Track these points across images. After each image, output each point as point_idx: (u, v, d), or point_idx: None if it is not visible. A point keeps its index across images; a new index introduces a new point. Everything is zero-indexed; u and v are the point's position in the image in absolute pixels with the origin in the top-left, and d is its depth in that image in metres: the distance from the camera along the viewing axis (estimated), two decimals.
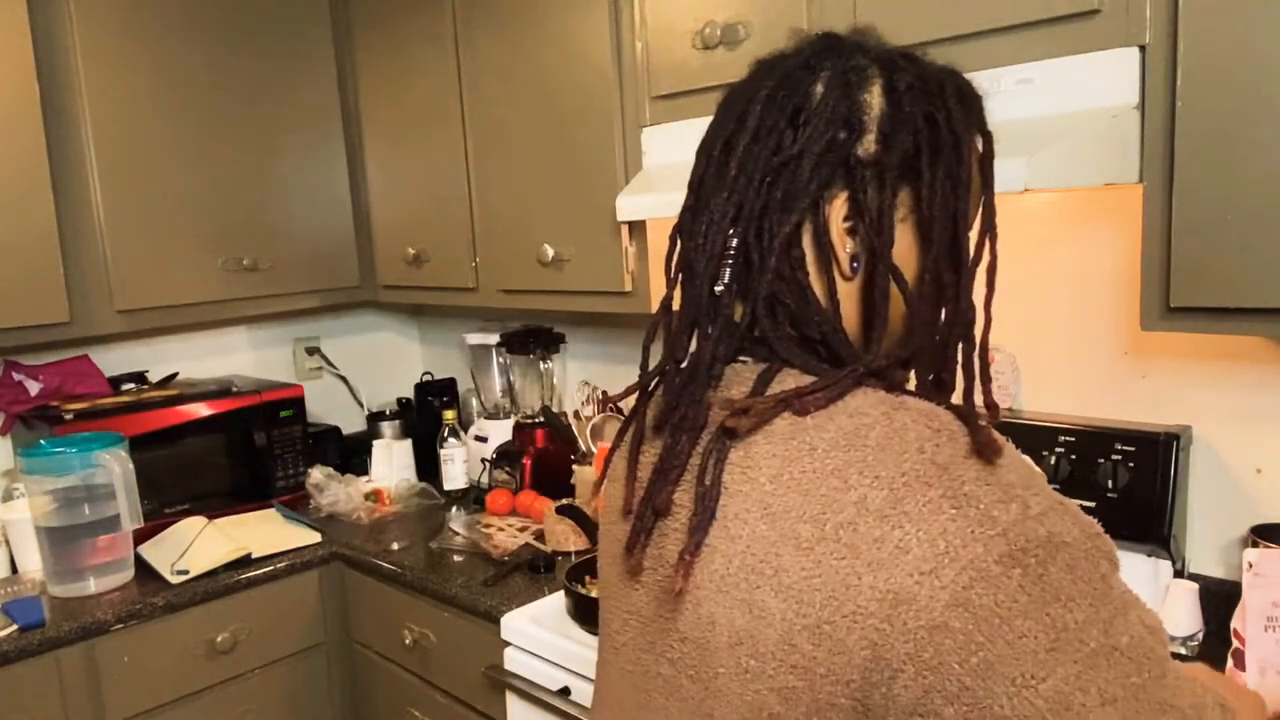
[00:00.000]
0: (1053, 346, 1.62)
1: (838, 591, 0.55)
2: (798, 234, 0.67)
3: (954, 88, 0.72)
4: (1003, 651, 0.53)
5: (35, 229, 1.90)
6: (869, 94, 0.70)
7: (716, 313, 0.67)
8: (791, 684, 0.57)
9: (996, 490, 0.56)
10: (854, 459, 0.58)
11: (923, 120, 0.69)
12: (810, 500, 0.58)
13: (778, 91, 0.70)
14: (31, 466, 1.84)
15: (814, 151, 0.67)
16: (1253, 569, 1.10)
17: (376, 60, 2.35)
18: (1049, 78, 1.19)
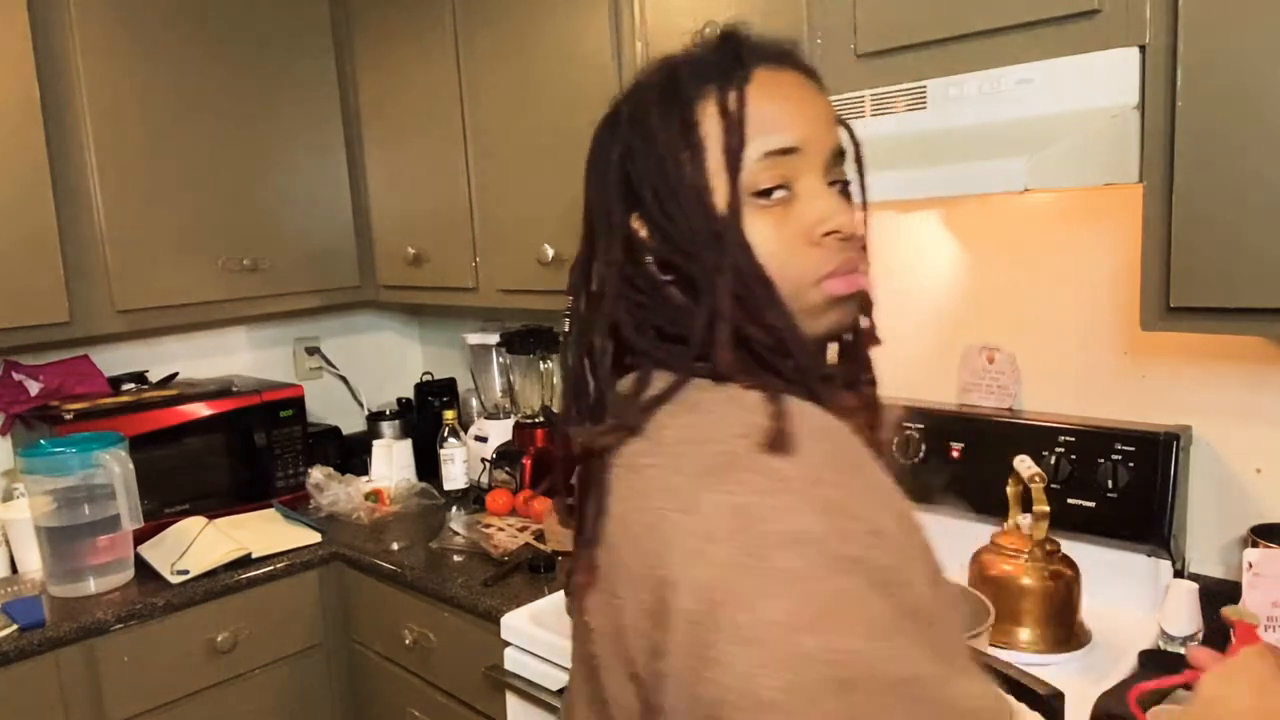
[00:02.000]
0: (1053, 346, 1.62)
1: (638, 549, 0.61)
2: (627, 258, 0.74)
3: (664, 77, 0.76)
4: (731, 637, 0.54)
5: (35, 229, 1.90)
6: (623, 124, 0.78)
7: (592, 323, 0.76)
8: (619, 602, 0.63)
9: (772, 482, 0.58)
10: (669, 461, 0.63)
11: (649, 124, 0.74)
12: (643, 496, 0.63)
13: (595, 149, 0.83)
14: (31, 466, 1.84)
15: (614, 183, 0.78)
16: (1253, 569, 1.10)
17: (377, 60, 2.35)
18: (1049, 78, 1.19)
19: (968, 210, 1.69)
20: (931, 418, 1.69)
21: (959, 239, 1.72)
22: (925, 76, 1.30)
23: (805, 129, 0.71)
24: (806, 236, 0.70)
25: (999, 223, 1.66)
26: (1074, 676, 1.30)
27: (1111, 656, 1.36)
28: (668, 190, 0.71)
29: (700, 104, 0.71)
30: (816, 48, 1.43)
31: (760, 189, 0.69)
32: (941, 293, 1.75)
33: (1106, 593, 1.49)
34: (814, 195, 0.70)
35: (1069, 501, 1.49)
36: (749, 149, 0.69)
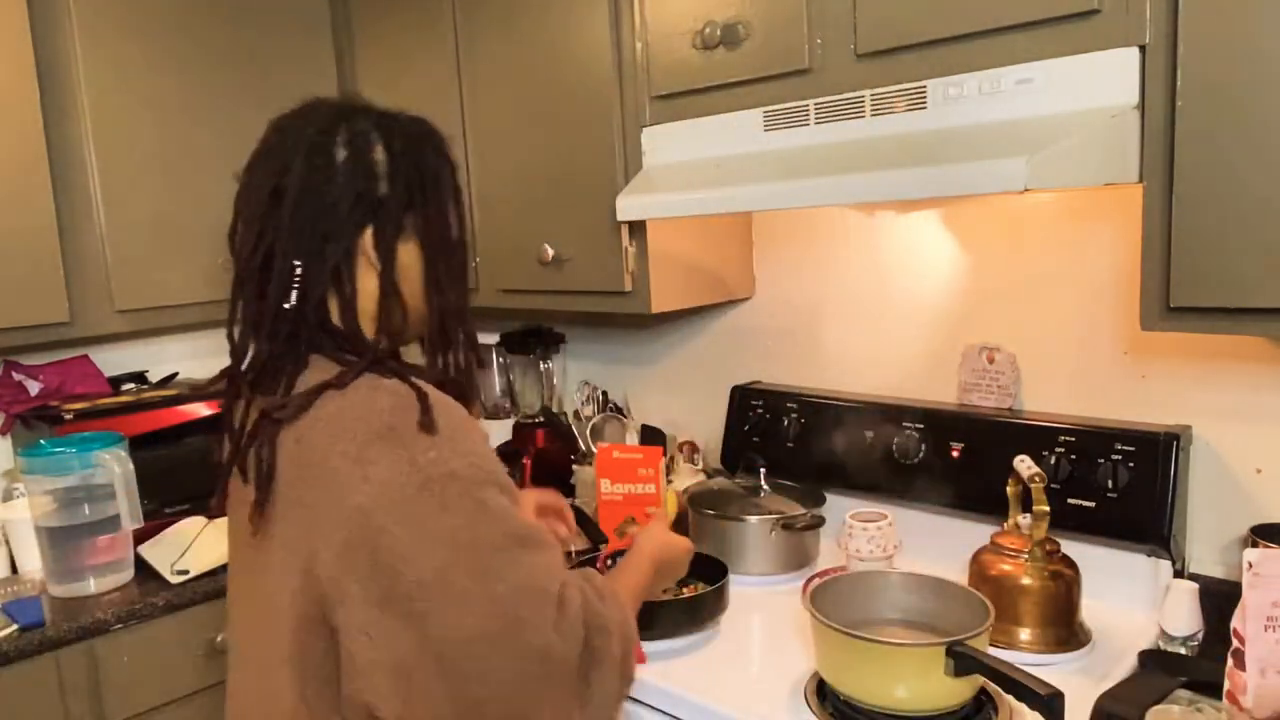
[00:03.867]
0: (1053, 346, 1.62)
1: (332, 506, 0.87)
2: (346, 259, 0.96)
3: (430, 139, 1.04)
4: (409, 541, 0.84)
5: (35, 229, 1.90)
6: (376, 153, 0.98)
7: (279, 325, 0.95)
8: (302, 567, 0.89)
9: (424, 444, 0.87)
10: (341, 428, 0.88)
11: (413, 167, 0.99)
12: (318, 453, 0.89)
13: (312, 155, 0.96)
14: (31, 466, 1.84)
15: (348, 199, 0.96)
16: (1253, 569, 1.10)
17: (376, 60, 2.35)
18: (1049, 78, 1.19)
19: (968, 210, 1.69)
20: (931, 418, 1.69)
21: (959, 239, 1.72)
22: (925, 76, 1.30)
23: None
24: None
25: (999, 223, 1.66)
26: (1074, 676, 1.30)
27: (1111, 656, 1.36)
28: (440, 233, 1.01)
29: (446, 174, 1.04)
30: (816, 48, 1.43)
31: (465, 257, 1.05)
32: (941, 293, 1.75)
33: (1106, 593, 1.49)
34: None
35: (1069, 501, 1.49)
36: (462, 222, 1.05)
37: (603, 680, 0.91)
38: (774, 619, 1.57)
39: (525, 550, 0.88)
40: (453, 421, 0.90)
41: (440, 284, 1.00)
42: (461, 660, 0.84)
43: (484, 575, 0.85)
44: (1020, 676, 1.07)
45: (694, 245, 1.92)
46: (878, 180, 1.24)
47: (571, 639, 0.88)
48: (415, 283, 1.00)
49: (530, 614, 0.86)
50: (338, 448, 0.88)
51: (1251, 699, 1.10)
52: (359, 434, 0.87)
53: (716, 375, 2.15)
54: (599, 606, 0.93)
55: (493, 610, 0.84)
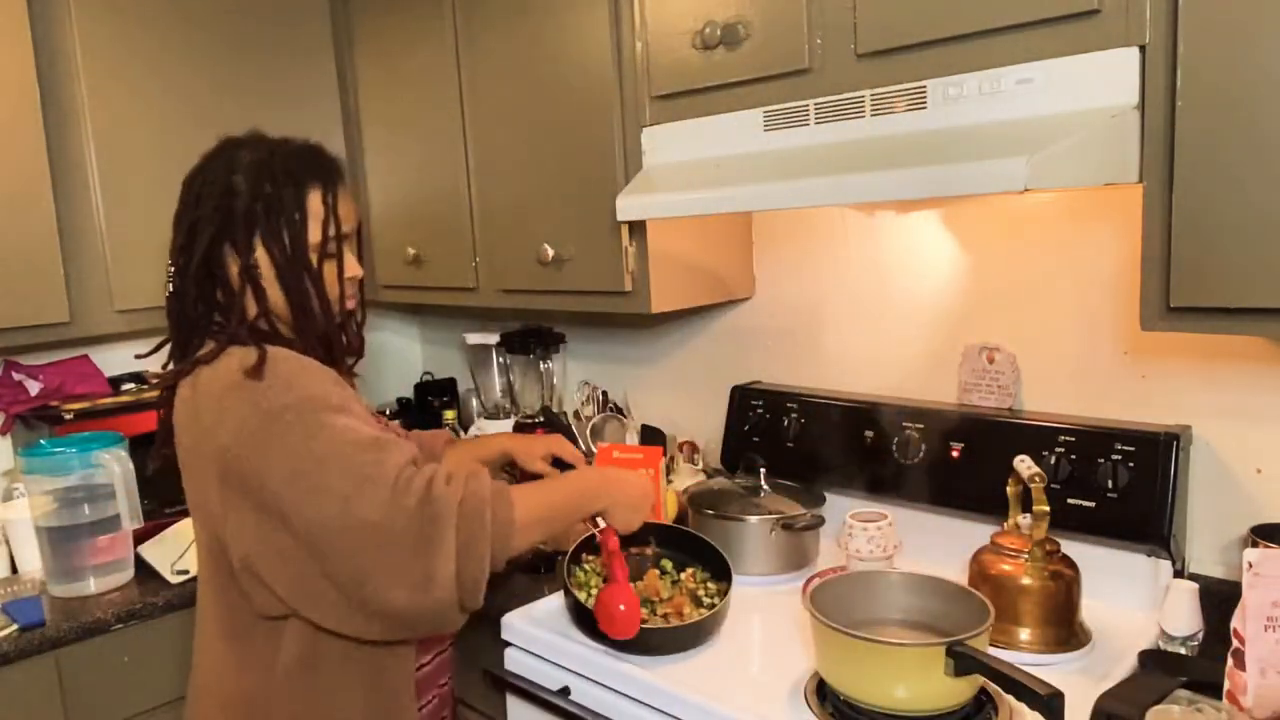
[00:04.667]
0: (1053, 346, 1.62)
1: (208, 449, 1.16)
2: (217, 261, 1.23)
3: (293, 160, 1.26)
4: (263, 461, 1.11)
5: (35, 229, 1.90)
6: (236, 175, 1.23)
7: (183, 316, 1.27)
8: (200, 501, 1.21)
9: (262, 388, 1.14)
10: (208, 390, 1.18)
11: (263, 186, 1.22)
12: (196, 412, 1.19)
13: (193, 179, 1.27)
14: (31, 466, 1.84)
15: (208, 214, 1.22)
16: (1253, 569, 1.10)
17: (376, 60, 2.35)
18: (1049, 78, 1.19)
19: (968, 210, 1.69)
20: (931, 418, 1.69)
21: (959, 239, 1.72)
22: (925, 76, 1.30)
23: (352, 223, 1.31)
24: (343, 276, 1.29)
25: (999, 223, 1.66)
26: (1074, 676, 1.30)
27: (1111, 656, 1.36)
28: (279, 232, 1.22)
29: (308, 190, 1.25)
30: (817, 48, 1.43)
31: (330, 251, 1.27)
32: (941, 293, 1.75)
33: (1106, 593, 1.49)
34: (348, 258, 1.30)
35: (1069, 501, 1.49)
36: (330, 229, 1.26)
37: (440, 554, 1.08)
38: (774, 619, 1.57)
39: (358, 450, 1.11)
40: (290, 369, 1.16)
41: (287, 281, 1.23)
42: (320, 541, 1.08)
43: (321, 473, 1.09)
44: (1020, 676, 1.07)
45: (694, 245, 1.92)
46: (878, 180, 1.24)
47: (400, 514, 1.07)
48: (272, 279, 1.23)
49: (360, 497, 1.07)
50: (206, 404, 1.17)
51: (1251, 699, 1.10)
52: (216, 390, 1.16)
53: (716, 375, 2.15)
54: (441, 491, 1.10)
55: (330, 498, 1.08)
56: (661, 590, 1.55)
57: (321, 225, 1.25)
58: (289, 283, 1.24)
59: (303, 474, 1.09)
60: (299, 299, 1.24)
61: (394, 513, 1.08)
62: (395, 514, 1.08)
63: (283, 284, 1.24)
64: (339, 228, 1.26)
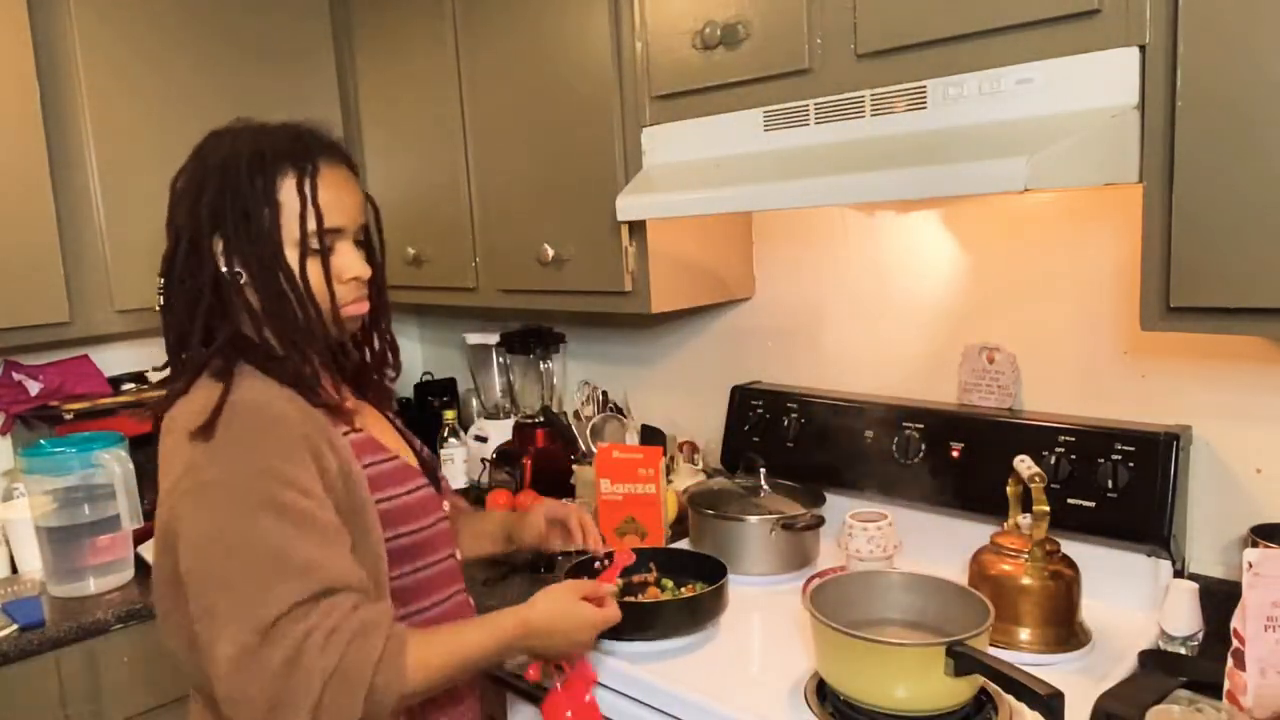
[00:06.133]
0: (1053, 346, 1.62)
1: (164, 489, 1.08)
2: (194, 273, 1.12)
3: (263, 145, 1.09)
4: (182, 533, 1.01)
5: (35, 229, 1.90)
6: (208, 171, 1.09)
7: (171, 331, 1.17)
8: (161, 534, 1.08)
9: (205, 450, 1.01)
10: (170, 425, 1.09)
11: (230, 178, 1.07)
12: (165, 446, 1.11)
13: (175, 180, 1.14)
14: (31, 466, 1.84)
15: (183, 218, 1.12)
16: (1253, 569, 1.10)
17: (376, 60, 2.35)
18: (1049, 78, 1.19)
19: (968, 210, 1.69)
20: (931, 418, 1.69)
21: (959, 239, 1.72)
22: (925, 76, 1.30)
23: (347, 216, 1.13)
24: (338, 278, 1.12)
25: (999, 223, 1.66)
26: (1074, 676, 1.30)
27: (1111, 656, 1.36)
28: (247, 230, 1.07)
29: (279, 179, 1.08)
30: (817, 48, 1.43)
31: (312, 247, 1.09)
32: (941, 293, 1.75)
33: (1106, 593, 1.49)
34: (345, 255, 1.13)
35: (1069, 501, 1.49)
36: (310, 222, 1.08)
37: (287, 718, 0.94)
38: (774, 619, 1.57)
39: (266, 564, 0.96)
40: (244, 428, 1.02)
41: (263, 287, 1.09)
42: (192, 631, 1.00)
43: (217, 568, 0.97)
44: (1020, 676, 1.07)
45: (694, 245, 1.92)
46: (878, 180, 1.24)
47: (255, 670, 0.93)
48: (252, 286, 1.10)
49: (227, 624, 0.95)
50: (168, 441, 1.08)
51: (1251, 699, 1.10)
52: (175, 432, 1.06)
53: (716, 375, 2.15)
54: (312, 660, 0.94)
55: (208, 600, 0.97)
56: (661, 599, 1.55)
57: (299, 218, 1.07)
58: (265, 289, 1.08)
59: (204, 555, 0.98)
60: (276, 307, 1.08)
61: (250, 665, 0.93)
62: (251, 667, 0.93)
63: (259, 291, 1.08)
64: (320, 220, 1.08)
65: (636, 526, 1.83)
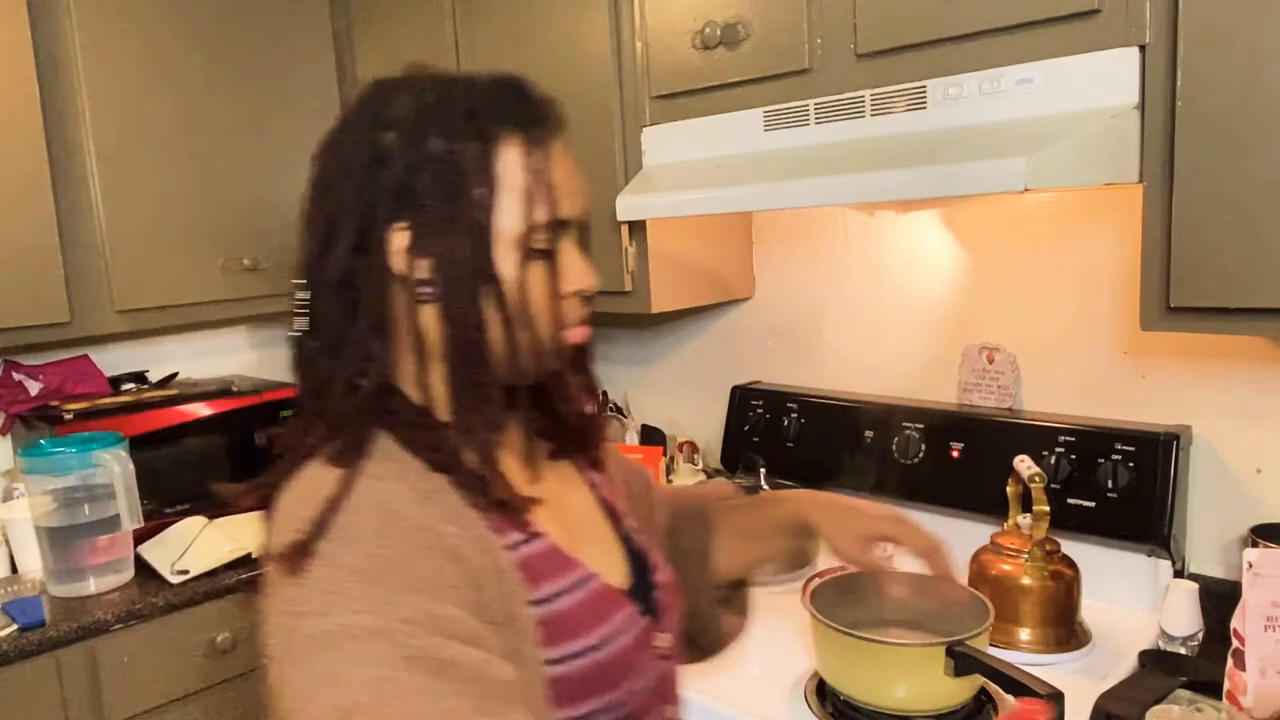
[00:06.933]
0: (1053, 346, 1.62)
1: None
2: (346, 278, 0.73)
3: (474, 102, 0.75)
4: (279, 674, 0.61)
5: (35, 229, 1.90)
6: (387, 132, 0.73)
7: (310, 373, 0.77)
8: None
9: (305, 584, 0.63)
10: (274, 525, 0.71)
11: (437, 143, 0.72)
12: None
13: (324, 150, 0.76)
14: (31, 466, 1.84)
15: (347, 195, 0.73)
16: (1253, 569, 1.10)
17: (376, 60, 2.35)
18: (1049, 78, 1.19)
19: (968, 210, 1.69)
20: (931, 418, 1.69)
21: (959, 239, 1.72)
22: (925, 76, 1.30)
23: (577, 205, 0.79)
24: (559, 291, 0.76)
25: (999, 223, 1.66)
26: (1074, 676, 1.30)
27: (1111, 656, 1.36)
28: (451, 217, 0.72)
29: (501, 146, 0.74)
30: (817, 48, 1.43)
31: (536, 246, 0.74)
32: (941, 293, 1.75)
33: (1106, 593, 1.49)
34: (572, 258, 0.78)
35: (1069, 501, 1.49)
36: (539, 210, 0.74)
37: None
38: (774, 619, 1.57)
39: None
40: (376, 542, 0.65)
41: (452, 301, 0.72)
42: None
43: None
44: (1020, 676, 1.07)
45: (694, 245, 1.92)
46: (878, 180, 1.24)
47: None
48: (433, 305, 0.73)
49: None
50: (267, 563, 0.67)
51: (1251, 699, 1.10)
52: (274, 545, 0.67)
53: (716, 375, 2.15)
54: None
55: None
56: None
57: (524, 202, 0.74)
58: (458, 304, 0.72)
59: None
60: (469, 333, 0.72)
61: None
62: None
63: (449, 308, 0.72)
64: (554, 207, 0.75)
65: None
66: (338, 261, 0.72)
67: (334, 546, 0.64)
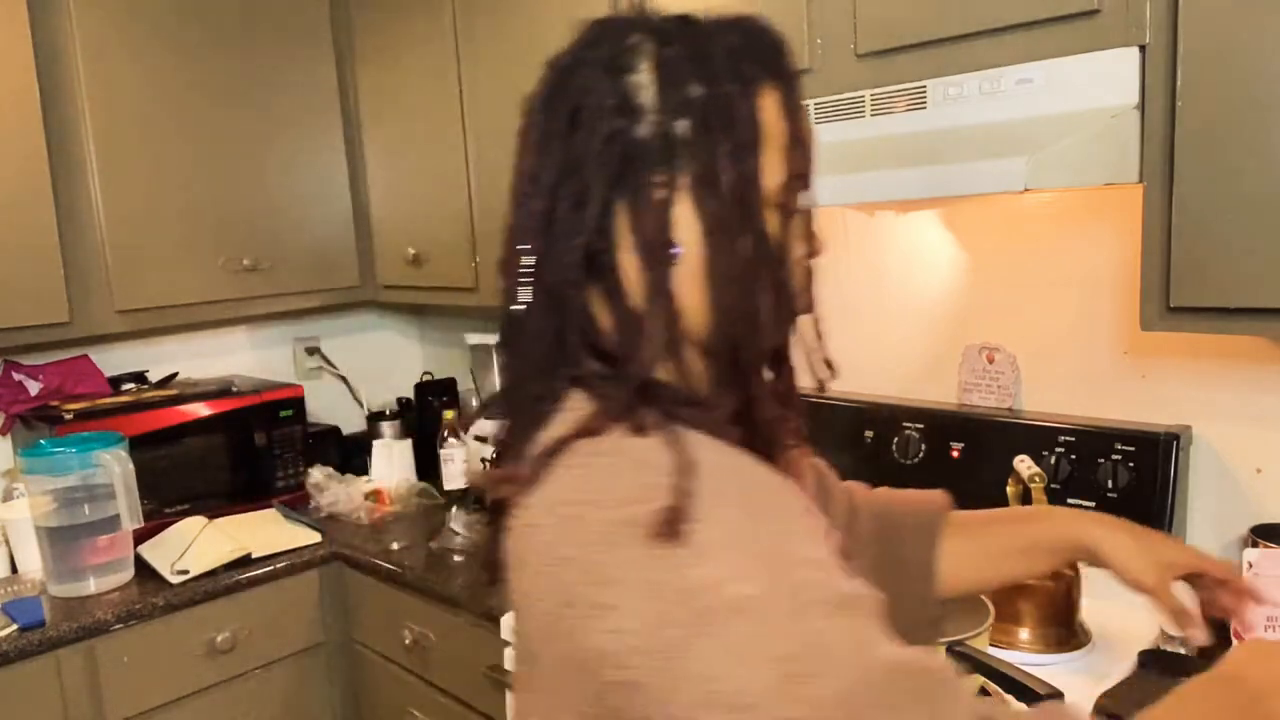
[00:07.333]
0: (1053, 346, 1.62)
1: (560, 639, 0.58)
2: (599, 236, 0.65)
3: (729, 44, 0.66)
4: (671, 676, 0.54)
5: (35, 229, 1.90)
6: (639, 74, 0.65)
7: (519, 337, 0.67)
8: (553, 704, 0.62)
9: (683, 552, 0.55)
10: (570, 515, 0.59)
11: (699, 88, 0.64)
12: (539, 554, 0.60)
13: (553, 94, 0.69)
14: (31, 466, 1.84)
15: (594, 150, 0.64)
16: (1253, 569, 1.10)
17: (377, 61, 2.35)
18: (1049, 78, 1.19)
19: (968, 210, 1.69)
20: (931, 418, 1.69)
21: (959, 239, 1.72)
22: (925, 76, 1.30)
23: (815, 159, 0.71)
24: (810, 253, 0.73)
25: (999, 223, 1.66)
26: (1074, 676, 1.30)
27: (1111, 656, 1.36)
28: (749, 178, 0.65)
29: (760, 95, 0.66)
30: (817, 48, 1.43)
31: (791, 205, 0.68)
32: (941, 293, 1.75)
33: (1106, 593, 1.49)
34: (809, 219, 0.72)
35: (1069, 501, 1.48)
36: (798, 163, 0.68)
37: None
38: None
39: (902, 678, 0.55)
40: (749, 506, 0.59)
41: (722, 272, 0.65)
42: None
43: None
44: (1020, 676, 1.07)
45: None
46: (878, 180, 1.24)
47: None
48: (693, 270, 0.65)
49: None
50: (562, 550, 0.58)
51: None
52: (592, 531, 0.57)
53: None
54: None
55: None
56: None
57: (786, 155, 0.68)
58: (721, 266, 0.65)
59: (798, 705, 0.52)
60: (735, 299, 0.66)
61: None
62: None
63: (715, 273, 0.65)
64: (811, 162, 0.71)
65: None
66: (592, 220, 0.64)
67: (711, 508, 0.56)
